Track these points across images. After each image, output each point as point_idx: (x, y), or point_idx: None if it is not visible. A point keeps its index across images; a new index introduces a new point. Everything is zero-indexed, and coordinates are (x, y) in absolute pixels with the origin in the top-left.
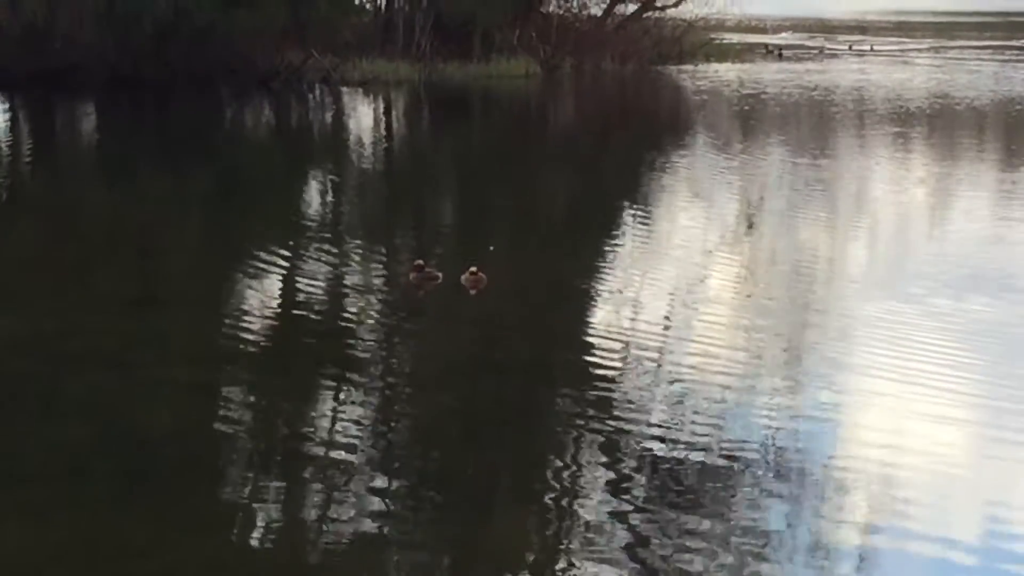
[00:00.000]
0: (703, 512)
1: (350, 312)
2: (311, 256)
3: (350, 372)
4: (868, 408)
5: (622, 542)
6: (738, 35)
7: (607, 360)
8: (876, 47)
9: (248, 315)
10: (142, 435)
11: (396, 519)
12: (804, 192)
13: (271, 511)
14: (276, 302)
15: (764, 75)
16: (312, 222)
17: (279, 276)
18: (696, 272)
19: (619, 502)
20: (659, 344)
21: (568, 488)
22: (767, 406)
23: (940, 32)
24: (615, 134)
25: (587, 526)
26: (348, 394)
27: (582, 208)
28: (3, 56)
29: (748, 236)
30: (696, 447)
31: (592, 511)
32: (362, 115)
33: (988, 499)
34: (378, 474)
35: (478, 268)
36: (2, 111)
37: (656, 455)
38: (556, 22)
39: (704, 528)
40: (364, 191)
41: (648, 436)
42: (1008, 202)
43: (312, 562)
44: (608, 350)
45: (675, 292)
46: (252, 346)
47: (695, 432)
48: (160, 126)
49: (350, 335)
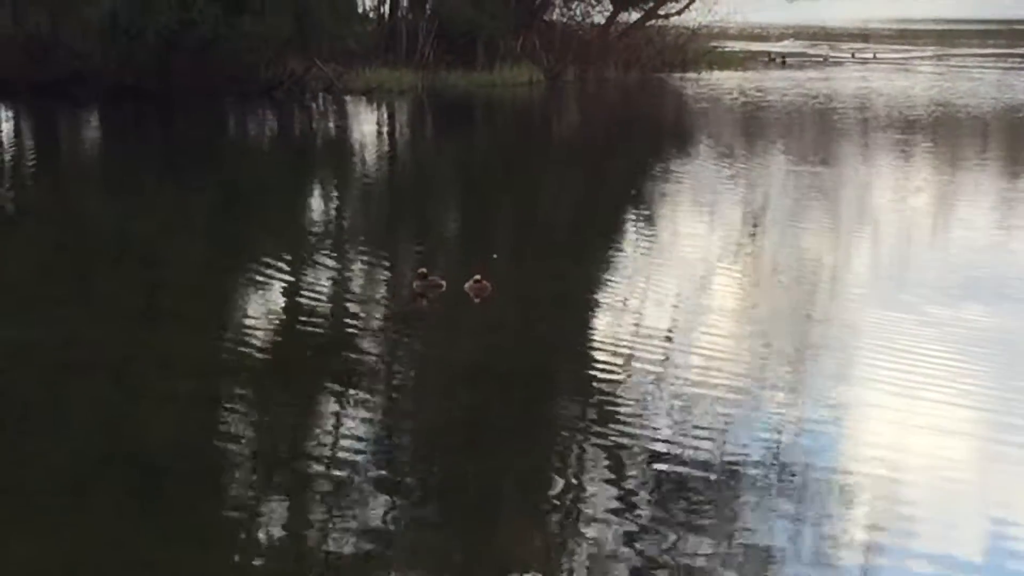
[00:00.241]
0: (706, 523)
1: (354, 321)
2: (315, 265)
3: (354, 382)
4: (870, 419)
5: (625, 553)
6: (741, 43)
7: (611, 370)
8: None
9: (252, 326)
10: (146, 448)
11: (399, 530)
12: (806, 200)
13: (275, 523)
14: (280, 312)
15: (767, 83)
16: (316, 231)
17: (283, 286)
18: (699, 281)
19: (622, 512)
20: (662, 354)
21: (571, 498)
22: (770, 417)
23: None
24: (618, 142)
25: (590, 537)
26: (351, 404)
27: (586, 216)
28: (7, 66)
29: (751, 245)
30: (699, 457)
31: (595, 522)
32: (365, 124)
33: (991, 511)
34: (381, 484)
35: (482, 276)
36: (6, 121)
37: (659, 465)
38: (559, 30)
39: (707, 539)
40: (367, 200)
41: (651, 446)
42: (1009, 211)
43: (316, 573)
44: (611, 360)
45: (678, 301)
46: (256, 357)
47: (698, 442)
48: (163, 136)
49: (354, 344)
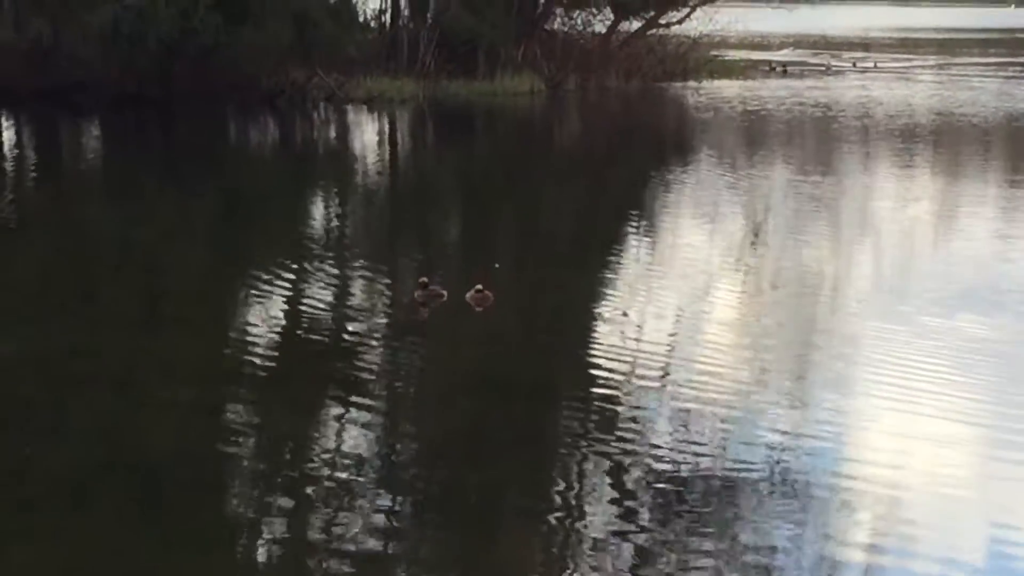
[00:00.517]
0: (707, 532)
1: (355, 330)
2: (316, 274)
3: (355, 391)
4: (871, 428)
5: (626, 561)
6: (742, 52)
7: (612, 379)
8: (879, 64)
9: (253, 334)
10: (148, 456)
11: (401, 538)
12: (806, 210)
13: (277, 531)
14: (281, 321)
15: (767, 92)
16: (317, 240)
17: (284, 295)
18: (700, 292)
19: (623, 521)
20: (663, 364)
21: (573, 507)
22: (771, 426)
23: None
24: (620, 151)
25: (591, 545)
26: (353, 413)
27: (587, 226)
28: (9, 73)
29: (751, 255)
30: (700, 467)
31: (596, 530)
32: (367, 133)
33: (991, 518)
34: (383, 493)
35: (483, 286)
36: (8, 129)
37: (660, 474)
38: (560, 39)
39: (708, 548)
40: (369, 209)
41: (652, 456)
42: (1009, 221)
43: None
44: (613, 369)
45: (679, 313)
46: (257, 366)
47: (699, 452)
48: (165, 144)
49: (355, 353)
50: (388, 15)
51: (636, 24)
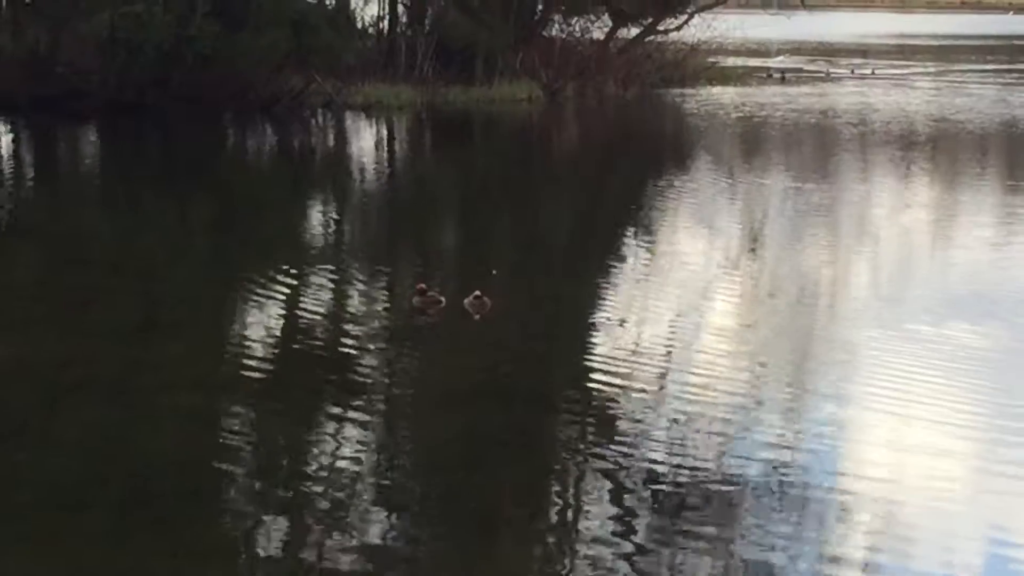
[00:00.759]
0: (704, 540)
1: (352, 337)
2: (313, 281)
3: (352, 397)
4: (867, 438)
5: (624, 569)
6: (740, 59)
7: (610, 386)
8: (877, 70)
9: (249, 341)
10: (143, 464)
11: (398, 545)
12: (803, 217)
13: (273, 539)
14: (278, 327)
15: (765, 99)
16: (314, 247)
17: (281, 301)
18: (698, 300)
19: (621, 528)
20: (661, 370)
21: (571, 514)
22: (768, 435)
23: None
24: (617, 158)
25: (589, 552)
26: (350, 420)
27: (585, 232)
28: (5, 81)
29: (749, 263)
30: (697, 475)
31: (594, 537)
32: (364, 139)
33: (988, 528)
34: (380, 500)
35: (481, 293)
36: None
37: (658, 482)
38: (558, 46)
39: (705, 556)
40: (366, 215)
41: (650, 462)
42: (1006, 228)
43: None
44: (611, 376)
45: (677, 320)
46: (254, 372)
47: (696, 460)
48: (162, 152)
49: (352, 360)
50: (386, 22)
51: (634, 31)
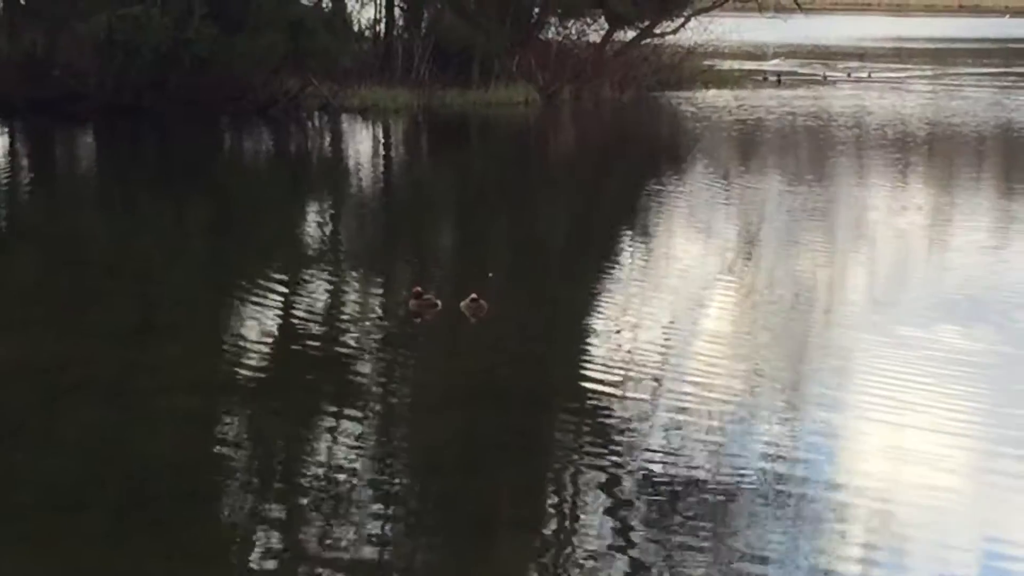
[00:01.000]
0: (701, 542)
1: (348, 339)
2: (309, 283)
3: (348, 400)
4: (864, 443)
5: (621, 570)
6: (736, 62)
7: (606, 390)
8: (874, 74)
9: (246, 343)
10: (140, 465)
11: (395, 548)
12: (799, 221)
13: (270, 541)
14: (274, 330)
15: (762, 102)
16: (311, 249)
17: (277, 304)
18: (694, 303)
19: (618, 531)
20: (657, 376)
21: (568, 516)
22: (764, 439)
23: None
24: (614, 161)
25: (586, 554)
26: (346, 422)
27: (582, 235)
28: (2, 83)
29: (745, 266)
30: (694, 477)
31: (591, 539)
32: (361, 142)
33: (983, 534)
34: (377, 503)
35: (478, 296)
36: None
37: (654, 486)
38: (555, 49)
39: (702, 558)
40: (363, 218)
41: (647, 465)
42: (1003, 232)
43: None
44: (607, 379)
45: (673, 322)
46: (251, 375)
47: (693, 461)
48: (159, 154)
49: (348, 362)
50: (383, 25)
51: (630, 34)
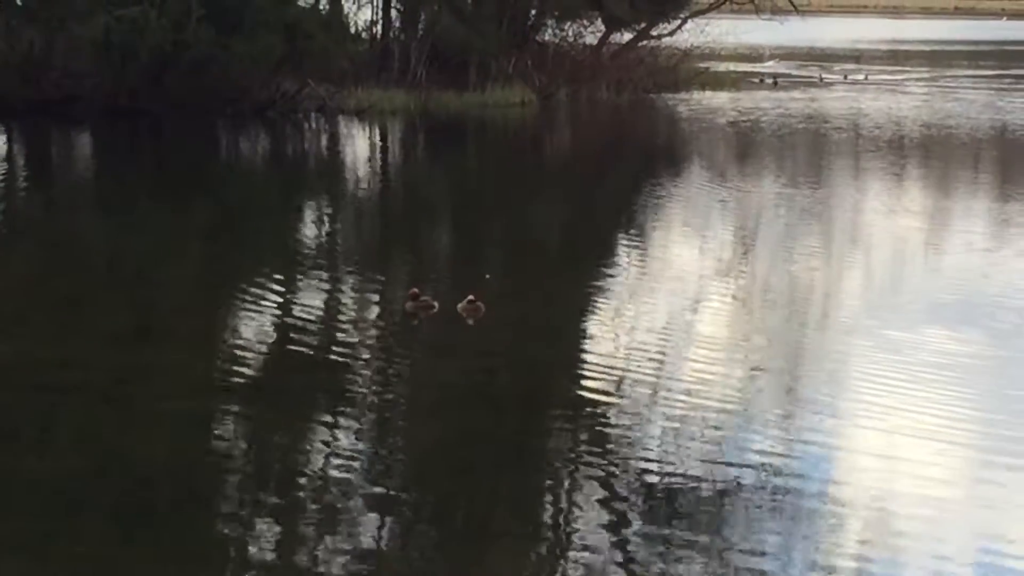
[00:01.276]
0: (698, 543)
1: (345, 342)
2: (307, 286)
3: (345, 403)
4: (859, 445)
5: (618, 573)
6: (733, 64)
7: (602, 393)
8: (870, 76)
9: (244, 346)
10: (138, 468)
11: (391, 550)
12: (796, 223)
13: (267, 543)
14: (272, 332)
15: (758, 104)
16: (308, 251)
17: (275, 307)
18: (691, 305)
19: (613, 535)
20: (654, 378)
21: (564, 519)
22: (760, 440)
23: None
24: (610, 163)
25: (583, 557)
26: (343, 425)
27: (578, 238)
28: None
29: (742, 268)
30: (691, 479)
31: (588, 542)
32: (358, 144)
33: (977, 536)
34: (372, 506)
35: (475, 297)
36: None
37: (651, 486)
38: (552, 51)
39: (699, 560)
40: (360, 220)
41: (643, 467)
42: (999, 235)
43: None
44: (604, 381)
45: (670, 325)
46: (248, 377)
47: (690, 463)
48: (156, 156)
49: (345, 365)
50: (379, 26)
51: (627, 36)
